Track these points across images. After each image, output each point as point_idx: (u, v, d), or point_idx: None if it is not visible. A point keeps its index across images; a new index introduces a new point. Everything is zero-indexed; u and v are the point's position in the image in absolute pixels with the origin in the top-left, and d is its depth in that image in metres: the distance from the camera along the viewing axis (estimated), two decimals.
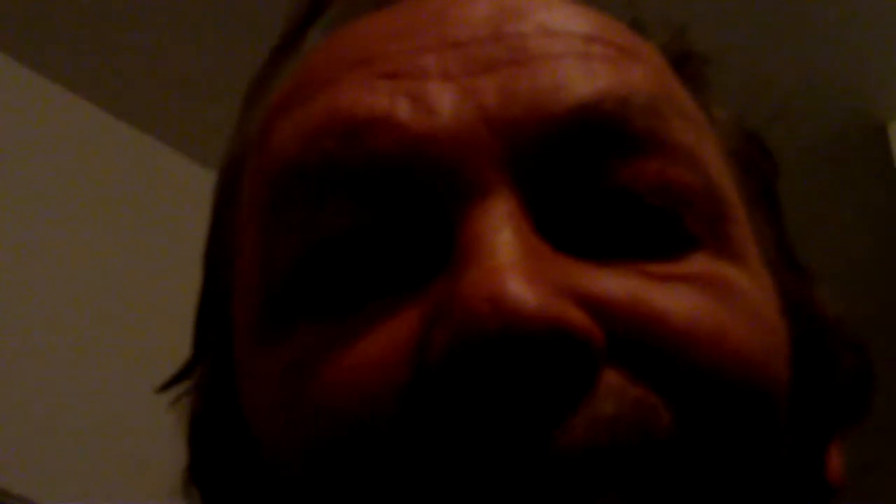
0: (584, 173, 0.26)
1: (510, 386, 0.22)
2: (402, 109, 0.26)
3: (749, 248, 0.29)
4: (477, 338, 0.22)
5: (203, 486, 0.32)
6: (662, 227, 0.26)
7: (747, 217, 0.30)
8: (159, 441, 0.36)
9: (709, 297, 0.26)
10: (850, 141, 1.52)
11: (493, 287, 0.22)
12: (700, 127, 0.30)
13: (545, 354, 0.22)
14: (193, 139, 1.50)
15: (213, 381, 0.32)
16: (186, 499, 0.32)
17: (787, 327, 0.29)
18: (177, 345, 0.36)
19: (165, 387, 0.34)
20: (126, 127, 1.49)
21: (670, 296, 0.25)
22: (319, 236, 0.26)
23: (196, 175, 1.49)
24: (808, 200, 1.33)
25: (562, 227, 0.26)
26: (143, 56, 1.41)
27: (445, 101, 0.26)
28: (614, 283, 0.25)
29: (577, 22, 0.29)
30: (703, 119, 0.31)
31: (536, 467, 0.22)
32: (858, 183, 1.57)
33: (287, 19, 0.34)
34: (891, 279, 1.65)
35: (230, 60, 1.18)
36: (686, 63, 0.33)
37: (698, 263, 0.26)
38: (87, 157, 1.44)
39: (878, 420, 0.33)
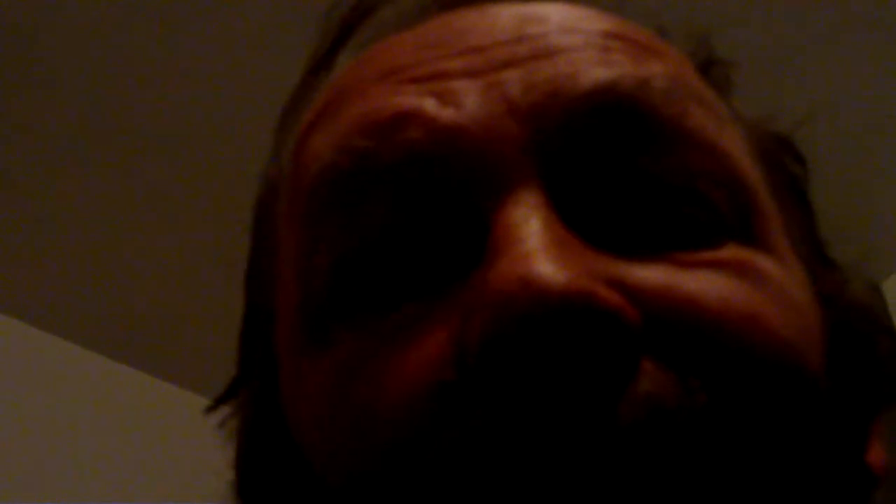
0: (608, 158, 0.26)
1: (549, 369, 0.22)
2: (430, 104, 0.27)
3: (779, 241, 0.29)
4: (509, 322, 0.22)
5: (252, 502, 0.32)
6: (690, 212, 0.27)
7: (777, 211, 0.30)
8: None
9: (740, 282, 0.26)
10: None
11: (523, 269, 0.22)
12: (723, 120, 0.30)
13: (579, 332, 0.22)
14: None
15: (260, 400, 0.32)
16: None
17: (820, 315, 0.29)
18: None
19: (212, 408, 0.35)
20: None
21: (702, 281, 0.25)
22: (355, 238, 0.27)
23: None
24: None
25: (590, 222, 0.26)
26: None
27: (471, 94, 0.27)
28: (646, 271, 0.25)
29: (597, 21, 0.30)
30: (727, 114, 0.31)
31: (591, 450, 0.22)
32: None
33: (316, 45, 0.35)
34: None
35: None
36: (711, 67, 0.34)
37: (729, 252, 0.26)
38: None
39: None
